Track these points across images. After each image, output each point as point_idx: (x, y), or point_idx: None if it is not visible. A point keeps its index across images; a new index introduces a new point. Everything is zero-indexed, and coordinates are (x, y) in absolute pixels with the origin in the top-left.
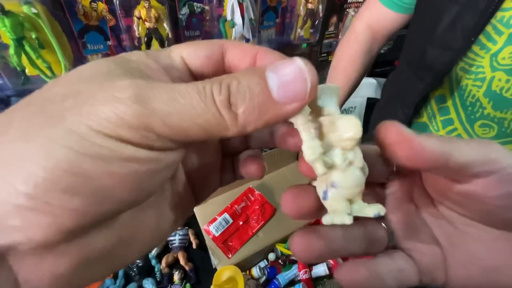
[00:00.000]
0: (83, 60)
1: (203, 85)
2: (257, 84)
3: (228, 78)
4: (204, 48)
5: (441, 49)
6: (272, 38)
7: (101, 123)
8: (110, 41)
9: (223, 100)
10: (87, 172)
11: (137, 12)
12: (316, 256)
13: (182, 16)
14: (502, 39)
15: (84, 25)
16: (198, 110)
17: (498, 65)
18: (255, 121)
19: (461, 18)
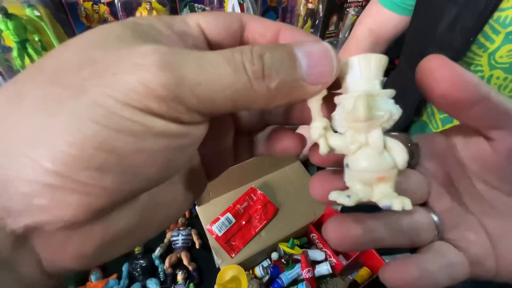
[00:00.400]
0: None
1: (231, 53)
2: (288, 59)
3: (259, 49)
4: (223, 19)
5: (441, 49)
6: None
7: (127, 94)
8: None
9: (256, 71)
10: (118, 148)
11: (138, 14)
12: (353, 244)
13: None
14: (500, 38)
15: (86, 27)
16: (228, 79)
17: (496, 64)
18: (282, 97)
19: (461, 19)
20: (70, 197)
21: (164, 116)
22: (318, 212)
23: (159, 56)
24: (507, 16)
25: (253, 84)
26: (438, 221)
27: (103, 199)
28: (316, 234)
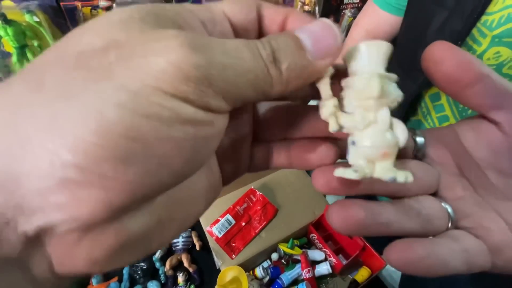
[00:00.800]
0: None
1: (247, 41)
2: (293, 43)
3: (266, 38)
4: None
5: None
6: None
7: (157, 76)
8: None
9: (269, 54)
10: (145, 136)
11: None
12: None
13: None
14: (486, 41)
15: None
16: (249, 64)
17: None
18: (296, 78)
19: (449, 23)
20: (89, 193)
21: (194, 102)
22: (318, 212)
23: (188, 38)
24: (494, 19)
25: (268, 68)
26: (451, 209)
27: (123, 195)
28: (315, 234)
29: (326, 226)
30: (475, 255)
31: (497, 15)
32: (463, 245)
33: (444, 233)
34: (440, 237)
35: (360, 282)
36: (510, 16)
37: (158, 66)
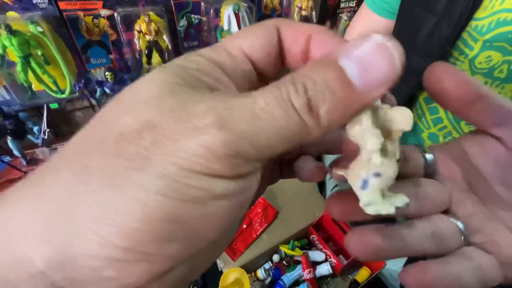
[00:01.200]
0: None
1: (279, 91)
2: (334, 78)
3: (301, 77)
4: (263, 35)
5: (422, 56)
6: None
7: (191, 160)
8: (112, 55)
9: (302, 104)
10: (183, 218)
11: (137, 26)
12: (374, 252)
13: (181, 28)
14: (478, 45)
15: (87, 40)
16: (281, 122)
17: (476, 69)
18: (340, 117)
19: (439, 28)
20: (137, 267)
21: (226, 175)
22: (317, 213)
23: (214, 115)
24: (484, 25)
25: (304, 118)
26: (462, 226)
27: (165, 265)
28: (316, 236)
29: (326, 227)
30: (487, 270)
31: (486, 20)
32: (476, 262)
33: (457, 251)
34: (454, 255)
35: (361, 282)
36: (500, 21)
37: (191, 150)
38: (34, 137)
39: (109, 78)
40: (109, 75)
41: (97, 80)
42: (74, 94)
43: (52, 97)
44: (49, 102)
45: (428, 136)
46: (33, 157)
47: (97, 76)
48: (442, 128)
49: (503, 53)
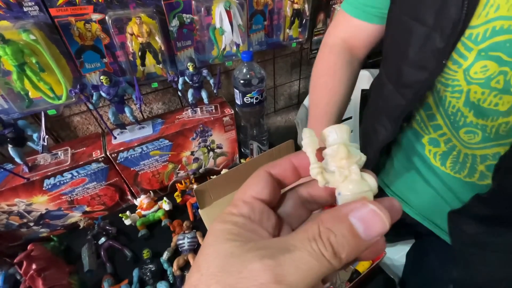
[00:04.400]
0: (82, 79)
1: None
2: (349, 233)
3: (325, 232)
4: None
5: (415, 69)
6: (262, 40)
7: None
8: (106, 59)
9: (330, 253)
10: None
11: (129, 28)
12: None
13: (173, 28)
14: (472, 55)
15: (80, 45)
16: (317, 269)
17: (471, 79)
18: (353, 256)
19: (430, 40)
20: None
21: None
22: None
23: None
24: (479, 33)
25: (332, 262)
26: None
27: None
28: None
29: None
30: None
31: (481, 29)
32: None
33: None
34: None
35: (362, 271)
36: (496, 30)
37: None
38: (34, 144)
39: (104, 82)
40: (104, 79)
41: (92, 85)
42: (71, 100)
43: (49, 104)
44: (46, 108)
45: (429, 141)
46: (35, 163)
47: (92, 80)
48: (442, 135)
49: (500, 63)
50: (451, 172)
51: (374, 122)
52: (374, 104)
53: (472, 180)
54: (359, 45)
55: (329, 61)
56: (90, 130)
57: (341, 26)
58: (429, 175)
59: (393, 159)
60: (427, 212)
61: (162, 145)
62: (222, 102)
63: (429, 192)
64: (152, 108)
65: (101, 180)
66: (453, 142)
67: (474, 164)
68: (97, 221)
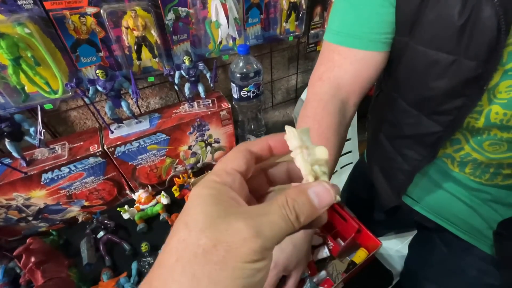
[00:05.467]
0: (78, 73)
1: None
2: (307, 202)
3: (291, 202)
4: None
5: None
6: (259, 34)
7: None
8: (101, 52)
9: (294, 217)
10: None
11: (124, 22)
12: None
13: (168, 21)
14: (498, 75)
15: (75, 39)
16: (285, 228)
17: (495, 99)
18: (308, 220)
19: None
20: None
21: (261, 260)
22: None
23: (253, 230)
24: (503, 55)
25: (294, 224)
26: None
27: None
28: None
29: None
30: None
31: (506, 50)
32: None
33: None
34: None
35: (358, 262)
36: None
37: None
38: (31, 138)
39: (100, 76)
40: (100, 73)
41: (88, 79)
42: (67, 94)
43: (46, 98)
44: (43, 103)
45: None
46: (33, 158)
47: (88, 74)
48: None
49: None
50: (471, 176)
51: (399, 147)
52: (396, 130)
53: (494, 182)
54: (359, 88)
55: (322, 123)
56: (87, 125)
57: (337, 68)
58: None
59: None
60: (440, 211)
61: (160, 140)
62: (219, 96)
63: (443, 193)
64: (149, 102)
65: (99, 175)
66: (472, 156)
67: (499, 169)
68: (95, 215)
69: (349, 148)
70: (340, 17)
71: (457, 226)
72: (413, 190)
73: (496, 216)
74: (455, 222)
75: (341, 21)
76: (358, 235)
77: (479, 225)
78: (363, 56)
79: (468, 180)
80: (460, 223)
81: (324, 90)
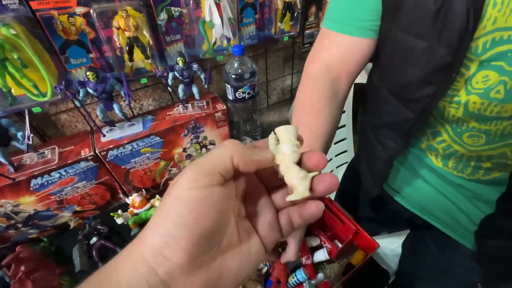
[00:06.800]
0: (68, 75)
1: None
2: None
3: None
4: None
5: (422, 84)
6: (253, 34)
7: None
8: (92, 54)
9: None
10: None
11: (115, 22)
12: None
13: (161, 22)
14: (474, 65)
15: (64, 40)
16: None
17: (472, 89)
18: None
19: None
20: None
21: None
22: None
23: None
24: (478, 45)
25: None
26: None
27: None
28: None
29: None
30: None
31: (480, 41)
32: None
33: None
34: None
35: (355, 264)
36: (496, 41)
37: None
38: (19, 143)
39: (90, 78)
40: (90, 74)
41: (79, 81)
42: (56, 97)
43: (34, 101)
44: (31, 106)
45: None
46: (21, 163)
47: (78, 76)
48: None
49: (500, 73)
50: (454, 171)
51: (379, 136)
52: (377, 118)
53: (476, 177)
54: (347, 69)
55: (313, 97)
56: (78, 128)
57: (326, 50)
58: (429, 175)
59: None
60: (426, 207)
61: (153, 142)
62: (213, 97)
63: (429, 189)
64: (142, 104)
65: (91, 179)
66: (454, 148)
67: (479, 163)
68: (88, 220)
69: (344, 148)
70: (333, 5)
71: (444, 223)
72: (401, 186)
73: (479, 213)
74: (442, 219)
75: (333, 9)
76: (356, 237)
77: (464, 222)
78: (348, 41)
79: (451, 175)
80: (447, 220)
81: (315, 69)
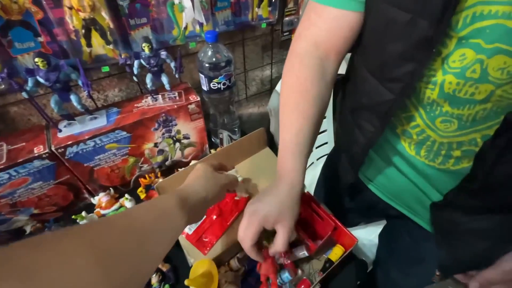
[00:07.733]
0: (13, 61)
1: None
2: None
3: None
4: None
5: (402, 61)
6: (229, 19)
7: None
8: (41, 37)
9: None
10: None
11: (67, 1)
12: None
13: (123, 2)
14: (453, 42)
15: (5, 20)
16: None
17: (448, 68)
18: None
19: (417, 28)
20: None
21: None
22: None
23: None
24: (458, 20)
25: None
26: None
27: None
28: None
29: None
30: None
31: (461, 15)
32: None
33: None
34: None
35: (334, 260)
36: (476, 16)
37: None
38: None
39: (40, 66)
40: (39, 61)
41: (26, 68)
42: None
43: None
44: None
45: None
46: None
47: (26, 63)
48: (416, 126)
49: (477, 51)
50: (426, 160)
51: (357, 118)
52: (355, 100)
53: (446, 167)
54: (336, 46)
55: (300, 76)
56: (32, 122)
57: (313, 26)
58: (402, 164)
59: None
60: (399, 197)
61: (120, 137)
62: (186, 88)
63: (402, 179)
64: (107, 95)
65: (49, 179)
66: (427, 133)
67: (449, 151)
68: (48, 223)
69: (324, 140)
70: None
71: (417, 213)
72: (375, 176)
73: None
74: (415, 209)
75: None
76: (334, 232)
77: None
78: (336, 15)
79: (423, 165)
80: (419, 210)
81: (301, 46)
